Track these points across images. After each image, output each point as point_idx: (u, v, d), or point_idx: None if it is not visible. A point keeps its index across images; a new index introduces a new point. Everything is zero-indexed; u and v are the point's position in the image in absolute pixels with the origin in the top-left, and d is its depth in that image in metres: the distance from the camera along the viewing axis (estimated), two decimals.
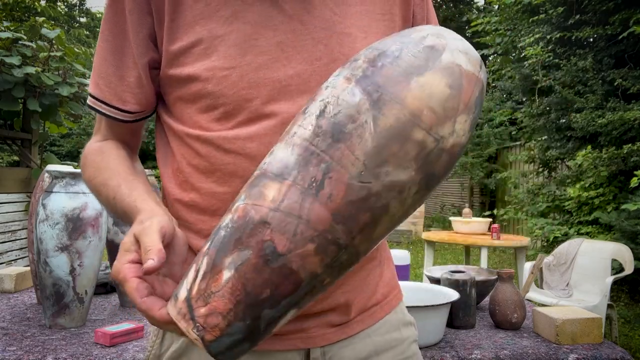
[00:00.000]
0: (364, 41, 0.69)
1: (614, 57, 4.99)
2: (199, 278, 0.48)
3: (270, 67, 0.64)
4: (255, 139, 0.64)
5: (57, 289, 1.22)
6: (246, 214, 0.49)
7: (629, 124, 4.38)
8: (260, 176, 0.51)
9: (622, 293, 4.93)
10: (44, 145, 4.29)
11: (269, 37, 0.65)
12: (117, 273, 0.54)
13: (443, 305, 1.12)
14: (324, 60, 0.66)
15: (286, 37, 0.65)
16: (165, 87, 0.70)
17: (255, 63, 0.64)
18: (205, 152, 0.66)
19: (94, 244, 1.24)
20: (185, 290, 0.49)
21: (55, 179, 1.25)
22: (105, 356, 1.05)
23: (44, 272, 1.22)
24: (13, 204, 3.70)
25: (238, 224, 0.49)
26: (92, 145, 0.76)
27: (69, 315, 1.24)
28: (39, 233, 1.21)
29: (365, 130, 0.48)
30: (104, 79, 0.71)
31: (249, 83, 0.64)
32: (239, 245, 0.48)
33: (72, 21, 21.59)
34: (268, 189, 0.49)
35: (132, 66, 0.70)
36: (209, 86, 0.64)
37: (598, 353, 1.09)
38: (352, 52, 0.67)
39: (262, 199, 0.49)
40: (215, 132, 0.65)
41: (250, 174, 0.61)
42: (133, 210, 0.61)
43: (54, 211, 1.20)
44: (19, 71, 3.26)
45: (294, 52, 0.65)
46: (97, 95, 0.72)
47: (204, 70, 0.64)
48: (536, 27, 5.56)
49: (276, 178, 0.49)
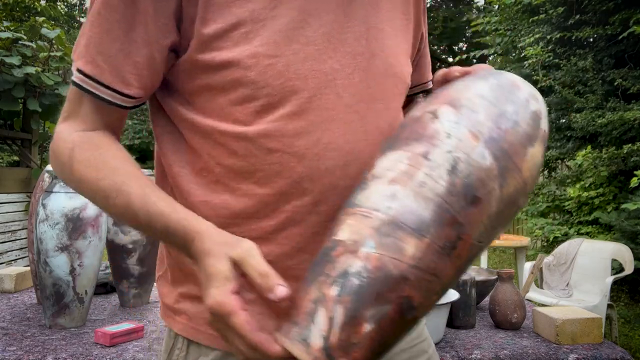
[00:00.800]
0: (394, 39, 0.67)
1: (614, 57, 4.98)
2: (336, 327, 0.47)
3: (317, 59, 0.60)
4: (304, 136, 0.59)
5: (57, 289, 1.22)
6: (384, 266, 0.48)
7: (629, 124, 4.38)
8: (392, 225, 0.49)
9: (622, 293, 4.93)
10: (44, 145, 4.29)
11: (316, 26, 0.60)
12: (221, 305, 0.48)
13: (443, 305, 1.12)
14: (365, 56, 0.63)
15: (332, 28, 0.61)
16: (188, 74, 0.61)
17: (303, 53, 0.59)
18: (244, 151, 0.59)
19: (94, 244, 1.24)
20: (321, 338, 0.47)
21: (55, 179, 1.25)
22: (105, 356, 1.05)
23: (44, 272, 1.22)
24: (13, 204, 3.70)
25: (376, 275, 0.48)
26: (74, 136, 0.61)
27: (69, 315, 1.24)
28: (39, 233, 1.21)
29: (492, 197, 0.51)
30: (104, 55, 0.58)
31: (296, 74, 0.59)
32: (379, 300, 0.48)
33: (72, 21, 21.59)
34: (406, 244, 0.49)
35: (142, 43, 0.58)
36: (251, 74, 0.57)
37: (598, 353, 1.09)
38: (385, 49, 0.65)
39: (401, 254, 0.49)
40: (253, 127, 0.59)
41: (296, 173, 0.58)
42: (187, 228, 0.54)
43: (54, 211, 1.20)
44: (19, 71, 3.26)
45: (339, 45, 0.61)
46: (93, 74, 0.59)
47: (247, 57, 0.57)
48: (536, 27, 5.55)
49: (414, 233, 0.49)
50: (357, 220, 0.51)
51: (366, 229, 0.50)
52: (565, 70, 5.06)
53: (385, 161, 0.53)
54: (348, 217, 0.52)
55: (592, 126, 4.69)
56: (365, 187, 0.53)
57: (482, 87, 0.55)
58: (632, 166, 4.44)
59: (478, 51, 7.22)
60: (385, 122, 0.65)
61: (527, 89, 0.57)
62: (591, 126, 4.70)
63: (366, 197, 0.52)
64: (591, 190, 4.91)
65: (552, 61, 5.18)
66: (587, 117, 4.69)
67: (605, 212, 4.73)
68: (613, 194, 4.82)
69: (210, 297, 0.48)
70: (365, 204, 0.51)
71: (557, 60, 5.16)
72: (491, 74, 0.58)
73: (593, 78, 4.88)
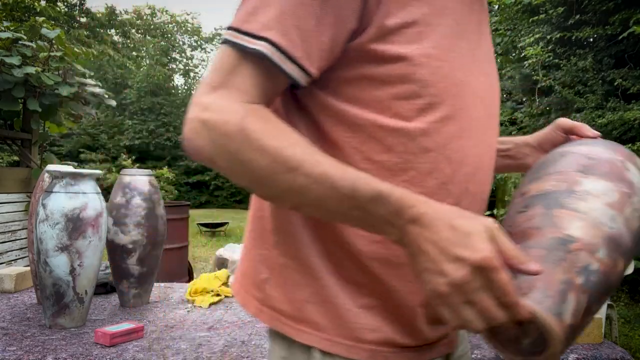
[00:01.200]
0: (494, 64, 0.74)
1: (614, 57, 4.98)
2: (580, 312, 0.55)
3: (467, 70, 0.64)
4: (455, 140, 0.61)
5: (57, 289, 1.22)
6: (609, 274, 0.58)
7: (629, 124, 4.38)
8: (614, 242, 0.60)
9: (622, 293, 4.94)
10: (44, 145, 4.28)
11: (467, 40, 0.65)
12: (491, 260, 0.47)
13: None
14: (493, 76, 0.71)
15: (476, 45, 0.67)
16: (350, 61, 0.59)
17: (458, 63, 0.62)
18: (402, 148, 0.59)
19: (94, 244, 1.24)
20: (571, 317, 0.54)
21: (55, 179, 1.25)
22: (105, 356, 1.05)
23: (44, 272, 1.22)
24: (13, 204, 3.70)
25: (604, 279, 0.58)
26: (238, 106, 0.55)
27: (69, 315, 1.24)
28: (39, 233, 1.21)
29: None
30: (300, 30, 0.55)
31: (454, 81, 0.61)
32: (601, 299, 0.59)
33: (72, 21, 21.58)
34: (619, 262, 0.60)
35: (330, 23, 0.56)
36: (422, 72, 0.58)
37: (598, 353, 1.09)
38: (495, 72, 0.73)
39: (615, 268, 0.59)
40: (413, 124, 0.59)
41: (444, 175, 0.61)
42: (405, 195, 0.52)
43: (54, 211, 1.20)
44: (19, 71, 3.26)
45: (477, 61, 0.66)
46: (285, 46, 0.55)
47: (420, 55, 0.58)
48: (536, 27, 5.56)
49: (622, 255, 0.60)
50: (587, 226, 0.59)
51: (598, 237, 0.59)
52: (565, 70, 5.06)
53: (591, 184, 0.63)
54: (573, 218, 0.60)
55: (592, 126, 4.69)
56: (581, 199, 0.61)
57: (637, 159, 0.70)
58: None
59: None
60: (495, 138, 0.71)
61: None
62: (591, 126, 4.70)
63: (589, 208, 0.60)
64: None
65: (552, 61, 5.18)
66: (587, 117, 4.69)
67: None
68: None
69: (478, 251, 0.47)
70: (590, 214, 0.60)
71: (557, 60, 5.16)
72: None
73: (593, 78, 4.88)
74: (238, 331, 1.21)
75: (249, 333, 1.20)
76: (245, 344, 1.11)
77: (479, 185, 0.65)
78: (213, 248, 8.42)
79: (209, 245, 8.99)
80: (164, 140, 20.46)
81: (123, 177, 1.48)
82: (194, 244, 8.89)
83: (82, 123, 19.90)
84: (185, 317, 1.34)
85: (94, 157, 19.13)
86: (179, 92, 23.48)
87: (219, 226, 10.63)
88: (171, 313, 1.39)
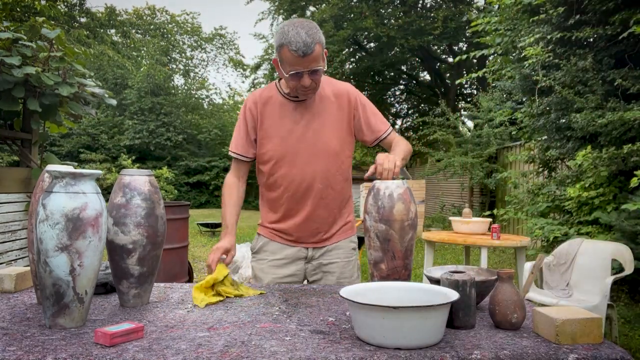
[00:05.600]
0: (319, 120, 1.99)
1: (614, 57, 4.98)
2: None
3: (289, 136, 1.95)
4: (282, 170, 1.96)
5: (57, 289, 1.22)
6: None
7: (629, 124, 4.38)
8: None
9: (622, 293, 4.93)
10: (44, 145, 4.28)
11: (288, 120, 1.97)
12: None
13: (443, 305, 1.12)
14: (314, 128, 2.01)
15: (297, 119, 1.99)
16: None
17: (281, 137, 1.94)
18: (263, 178, 1.98)
19: (94, 244, 1.24)
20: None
21: (55, 179, 1.25)
22: (105, 356, 1.05)
23: (44, 272, 1.22)
24: (13, 204, 3.70)
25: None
26: (230, 179, 1.94)
27: (69, 315, 1.24)
28: (39, 233, 1.21)
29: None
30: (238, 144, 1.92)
31: (280, 146, 1.94)
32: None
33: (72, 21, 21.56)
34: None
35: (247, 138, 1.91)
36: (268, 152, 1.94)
37: (598, 353, 1.09)
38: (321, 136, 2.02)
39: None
40: (265, 167, 1.95)
41: (284, 185, 1.94)
42: (224, 228, 1.83)
43: (54, 211, 1.20)
44: (19, 71, 3.26)
45: (300, 126, 2.02)
46: (237, 151, 1.91)
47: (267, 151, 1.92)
48: (536, 27, 5.55)
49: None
50: None
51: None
52: (565, 70, 5.06)
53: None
54: None
55: (592, 126, 4.69)
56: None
57: None
58: (632, 166, 4.44)
59: (478, 51, 7.22)
60: (322, 161, 1.86)
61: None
62: (591, 126, 4.70)
63: None
64: (591, 190, 4.90)
65: (552, 61, 5.18)
66: (587, 117, 4.68)
67: (605, 212, 4.73)
68: (613, 194, 4.82)
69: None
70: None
71: (557, 60, 5.15)
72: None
73: (593, 78, 4.88)
74: (238, 331, 1.21)
75: (249, 333, 1.20)
76: (245, 344, 1.11)
77: (299, 185, 1.85)
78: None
79: (209, 245, 8.99)
80: (164, 140, 20.45)
81: (123, 177, 1.48)
82: (194, 244, 8.88)
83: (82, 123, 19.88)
84: (185, 317, 1.34)
85: (94, 157, 19.12)
86: (179, 92, 23.48)
87: (219, 226, 10.63)
88: (171, 313, 1.39)
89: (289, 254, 1.92)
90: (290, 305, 1.47)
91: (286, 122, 1.82)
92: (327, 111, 1.84)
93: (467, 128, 12.18)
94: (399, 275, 1.51)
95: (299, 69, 1.67)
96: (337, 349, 1.08)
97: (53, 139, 19.07)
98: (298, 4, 16.61)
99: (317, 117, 1.83)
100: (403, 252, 1.49)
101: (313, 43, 1.64)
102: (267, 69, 18.15)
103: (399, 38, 14.89)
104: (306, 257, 1.93)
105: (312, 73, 1.69)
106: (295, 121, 1.82)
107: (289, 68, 1.68)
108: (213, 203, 20.14)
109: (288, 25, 1.66)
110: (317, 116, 1.83)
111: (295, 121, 1.82)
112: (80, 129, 19.28)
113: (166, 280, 4.47)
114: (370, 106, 1.91)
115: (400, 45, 15.45)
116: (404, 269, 1.51)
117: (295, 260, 1.92)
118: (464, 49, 17.05)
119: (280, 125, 1.82)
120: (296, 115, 1.82)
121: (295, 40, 1.62)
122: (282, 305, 1.48)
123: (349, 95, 1.88)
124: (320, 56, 1.69)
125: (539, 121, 5.73)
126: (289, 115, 1.82)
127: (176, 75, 26.28)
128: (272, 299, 1.55)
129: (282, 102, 1.84)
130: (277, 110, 1.84)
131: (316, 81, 1.72)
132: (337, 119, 1.85)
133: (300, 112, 1.83)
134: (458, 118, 11.45)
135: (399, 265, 1.50)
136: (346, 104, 1.87)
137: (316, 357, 1.03)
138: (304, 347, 1.09)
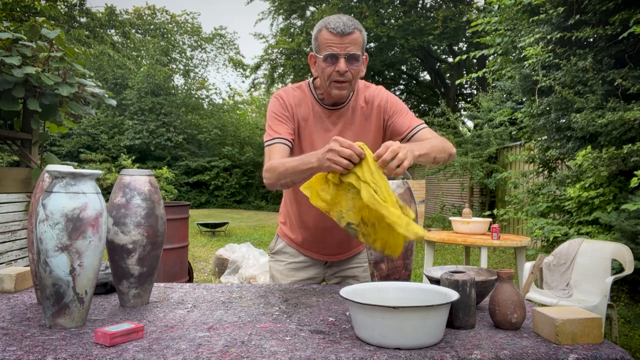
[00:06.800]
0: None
1: (614, 57, 4.98)
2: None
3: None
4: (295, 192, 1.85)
5: (57, 289, 1.22)
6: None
7: (629, 124, 4.38)
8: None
9: (622, 293, 4.94)
10: (44, 145, 4.28)
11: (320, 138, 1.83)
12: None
13: (443, 305, 1.12)
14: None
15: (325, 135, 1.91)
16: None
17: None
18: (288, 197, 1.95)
19: (94, 244, 1.24)
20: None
21: (55, 179, 1.25)
22: (105, 356, 1.05)
23: (44, 272, 1.22)
24: (13, 204, 3.70)
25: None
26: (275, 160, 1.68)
27: (69, 315, 1.24)
28: (39, 233, 1.21)
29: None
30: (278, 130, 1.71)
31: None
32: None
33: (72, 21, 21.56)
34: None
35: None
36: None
37: (598, 353, 1.09)
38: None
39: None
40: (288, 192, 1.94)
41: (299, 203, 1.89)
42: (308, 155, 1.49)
43: (54, 211, 1.20)
44: (19, 71, 3.26)
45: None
46: (287, 137, 1.68)
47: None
48: (536, 27, 5.55)
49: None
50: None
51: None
52: (565, 70, 5.06)
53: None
54: None
55: (592, 126, 4.69)
56: None
57: None
58: (632, 166, 4.44)
59: (478, 51, 7.22)
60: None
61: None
62: (591, 126, 4.70)
63: None
64: (591, 190, 4.90)
65: (552, 61, 5.18)
66: (587, 117, 4.69)
67: (605, 212, 4.73)
68: (613, 194, 4.82)
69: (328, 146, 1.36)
70: None
71: (557, 60, 5.15)
72: None
73: (593, 78, 4.88)
74: (238, 331, 1.21)
75: (249, 333, 1.20)
76: (245, 344, 1.11)
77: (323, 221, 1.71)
78: (213, 248, 8.42)
79: (209, 245, 8.99)
80: (164, 140, 20.44)
81: (123, 177, 1.48)
82: (194, 244, 8.88)
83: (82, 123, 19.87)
84: (185, 317, 1.34)
85: (94, 157, 19.12)
86: (179, 92, 23.48)
87: (219, 226, 10.64)
88: (171, 313, 1.39)
89: (307, 259, 1.90)
90: (290, 305, 1.47)
91: (320, 132, 1.73)
92: (358, 121, 1.75)
93: (467, 128, 12.19)
94: (399, 275, 1.51)
95: (335, 50, 1.55)
96: (337, 349, 1.08)
97: (53, 139, 19.07)
98: (298, 4, 16.62)
99: (349, 127, 1.74)
100: (403, 252, 1.50)
101: (353, 26, 1.56)
102: (267, 69, 18.15)
103: (399, 38, 14.89)
104: (325, 262, 1.91)
105: (349, 59, 1.57)
106: (326, 129, 1.73)
107: (325, 50, 1.57)
108: (213, 203, 20.13)
109: (329, 15, 1.66)
110: (348, 127, 1.74)
111: (327, 129, 1.73)
112: (80, 129, 19.29)
113: (166, 280, 4.48)
114: (398, 106, 1.76)
115: (400, 45, 15.47)
116: (404, 268, 1.51)
117: (314, 264, 1.91)
118: (464, 49, 17.06)
119: (316, 135, 1.73)
120: (329, 124, 1.73)
121: (335, 21, 1.55)
122: (282, 305, 1.48)
123: (380, 100, 1.75)
124: (359, 43, 1.58)
125: (539, 121, 5.74)
126: (321, 124, 1.73)
127: (176, 75, 26.27)
128: (272, 299, 1.55)
129: (317, 110, 1.73)
130: (311, 118, 1.73)
131: (353, 72, 1.59)
132: (366, 129, 1.75)
133: (332, 121, 1.73)
134: (458, 118, 11.46)
135: (399, 265, 1.50)
136: (376, 112, 1.76)
137: (316, 357, 1.03)
138: (304, 347, 1.09)
